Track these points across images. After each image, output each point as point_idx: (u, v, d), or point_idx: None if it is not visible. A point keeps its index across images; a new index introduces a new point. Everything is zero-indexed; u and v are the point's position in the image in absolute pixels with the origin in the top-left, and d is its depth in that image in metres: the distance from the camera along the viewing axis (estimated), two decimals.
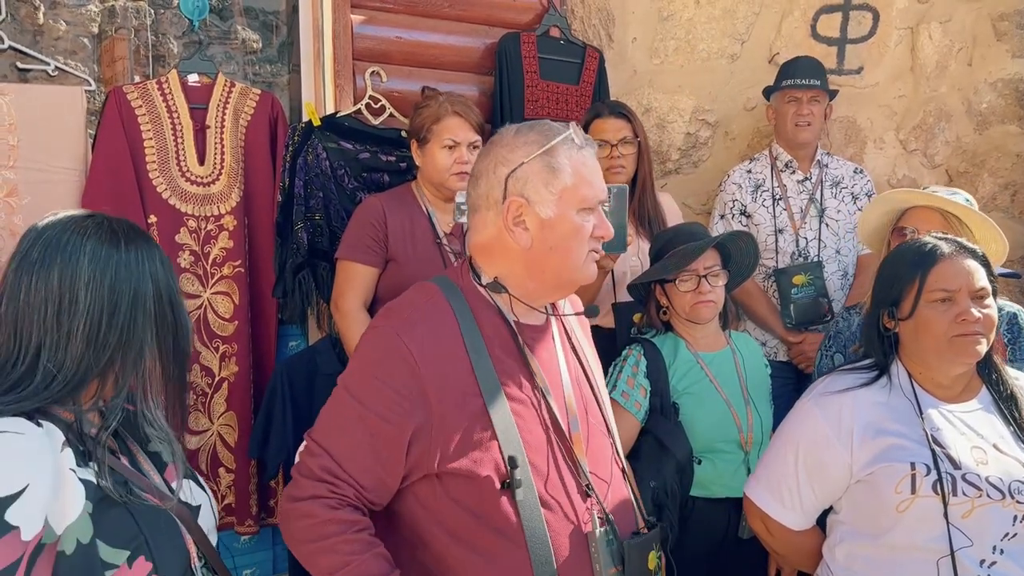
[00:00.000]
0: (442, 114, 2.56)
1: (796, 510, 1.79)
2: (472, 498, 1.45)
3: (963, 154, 3.82)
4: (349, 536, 1.41)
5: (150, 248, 1.34)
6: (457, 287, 1.56)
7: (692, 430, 2.25)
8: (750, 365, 2.42)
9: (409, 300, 1.58)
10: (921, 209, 2.25)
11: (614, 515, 1.55)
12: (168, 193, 2.75)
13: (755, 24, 3.68)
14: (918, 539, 1.62)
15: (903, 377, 1.76)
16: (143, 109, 2.73)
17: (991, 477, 1.63)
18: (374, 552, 1.42)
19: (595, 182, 1.54)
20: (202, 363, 2.80)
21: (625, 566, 1.50)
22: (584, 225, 1.52)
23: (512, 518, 1.44)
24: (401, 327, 1.47)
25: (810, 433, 1.76)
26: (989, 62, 3.78)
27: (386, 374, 1.45)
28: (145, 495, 1.29)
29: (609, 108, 2.95)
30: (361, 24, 3.01)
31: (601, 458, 1.60)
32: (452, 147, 2.55)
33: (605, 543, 1.50)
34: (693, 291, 2.32)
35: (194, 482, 1.45)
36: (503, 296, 1.56)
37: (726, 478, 2.25)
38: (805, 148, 3.28)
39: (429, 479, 1.47)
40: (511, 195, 1.51)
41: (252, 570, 2.98)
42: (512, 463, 1.43)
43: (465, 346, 1.48)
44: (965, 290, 1.69)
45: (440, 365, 1.45)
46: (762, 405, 2.37)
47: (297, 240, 2.74)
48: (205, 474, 2.82)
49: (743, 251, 2.43)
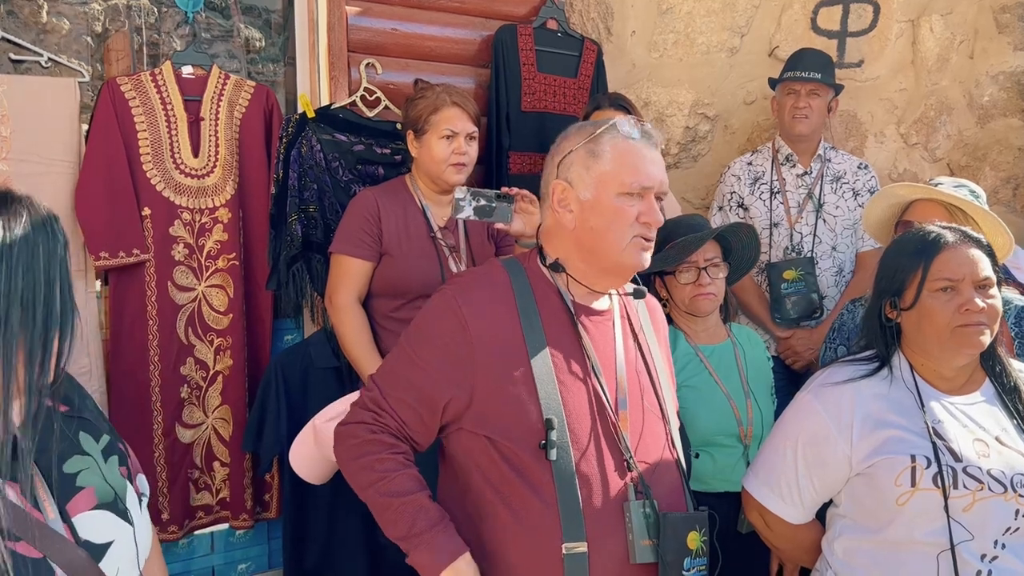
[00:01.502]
0: (440, 104, 2.53)
1: (795, 504, 1.77)
2: (511, 454, 1.53)
3: (964, 148, 3.80)
4: (385, 455, 1.55)
5: None
6: (522, 266, 1.68)
7: (691, 423, 2.22)
8: (751, 358, 2.40)
9: (472, 271, 1.80)
10: (925, 203, 2.23)
11: (657, 494, 1.58)
12: (162, 185, 2.73)
13: (755, 17, 3.66)
14: (918, 533, 1.59)
15: (905, 369, 1.73)
16: (137, 101, 2.70)
17: (993, 470, 1.60)
18: (407, 472, 1.55)
19: (641, 168, 1.59)
20: (197, 356, 2.78)
21: (660, 540, 1.52)
22: (625, 208, 1.58)
23: (546, 478, 1.51)
24: (458, 290, 1.61)
25: (809, 426, 1.73)
26: (991, 55, 3.76)
27: (438, 330, 1.59)
28: (8, 545, 1.09)
29: (609, 100, 2.93)
30: (356, 16, 2.98)
31: (651, 440, 1.65)
32: (450, 137, 2.53)
33: (641, 514, 1.54)
34: (693, 283, 2.31)
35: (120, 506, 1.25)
36: (562, 276, 1.66)
37: (726, 472, 2.23)
38: (803, 141, 3.26)
39: (472, 432, 1.57)
40: (559, 179, 1.64)
41: (247, 564, 2.97)
42: (549, 424, 1.50)
43: (519, 315, 1.59)
44: (969, 279, 1.66)
45: (491, 328, 1.56)
46: (763, 399, 2.35)
47: (291, 232, 2.71)
48: (200, 468, 2.80)
49: (744, 243, 2.40)
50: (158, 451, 2.73)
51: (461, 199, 2.18)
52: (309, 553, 2.72)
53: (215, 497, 2.84)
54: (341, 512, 2.66)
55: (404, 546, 1.52)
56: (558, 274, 1.66)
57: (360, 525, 2.60)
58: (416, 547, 1.50)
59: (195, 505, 2.82)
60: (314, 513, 2.70)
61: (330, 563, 2.71)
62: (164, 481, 2.74)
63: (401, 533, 1.52)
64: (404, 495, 1.53)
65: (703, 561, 1.58)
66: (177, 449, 2.76)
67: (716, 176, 3.59)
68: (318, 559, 2.71)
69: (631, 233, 1.58)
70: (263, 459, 2.73)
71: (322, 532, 2.71)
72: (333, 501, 2.65)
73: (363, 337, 2.50)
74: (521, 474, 1.52)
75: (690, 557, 1.55)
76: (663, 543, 1.52)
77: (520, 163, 3.17)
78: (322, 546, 2.72)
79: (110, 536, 1.22)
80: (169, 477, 2.74)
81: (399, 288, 2.53)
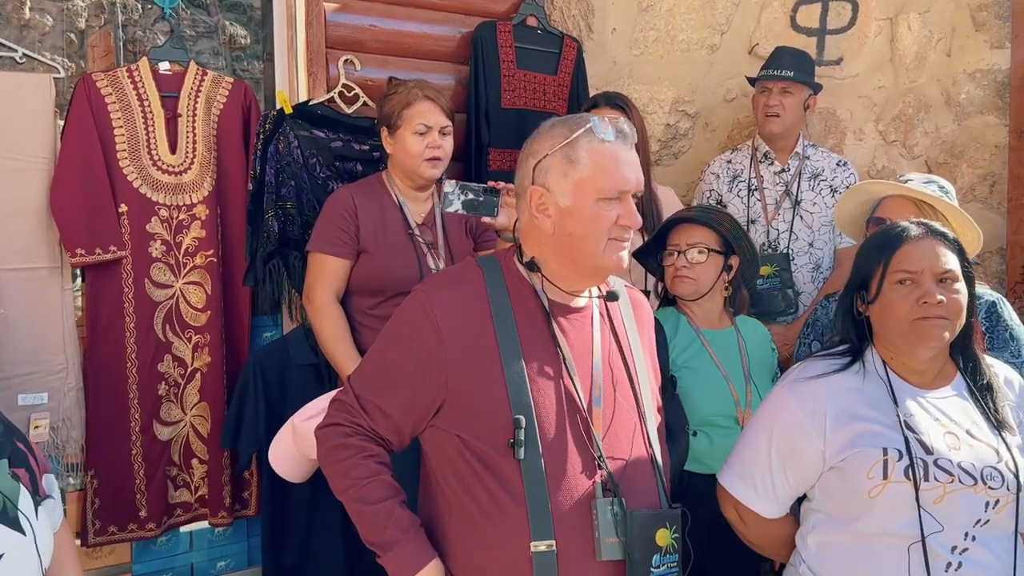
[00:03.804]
0: (412, 99, 2.53)
1: (769, 499, 1.77)
2: (481, 452, 1.53)
3: (942, 145, 3.82)
4: (357, 460, 1.58)
5: None
6: (498, 264, 1.68)
7: (689, 403, 2.30)
8: (753, 347, 2.48)
9: (446, 271, 1.83)
10: (896, 199, 2.25)
11: (629, 491, 1.58)
12: (139, 182, 2.71)
13: (735, 15, 3.67)
14: (890, 525, 1.60)
15: (877, 363, 1.74)
16: (113, 97, 2.69)
17: (963, 463, 1.61)
18: (379, 479, 1.57)
19: (617, 173, 1.59)
20: (175, 353, 2.77)
21: (628, 537, 1.53)
22: (603, 214, 1.58)
23: (515, 477, 1.52)
24: (429, 291, 1.62)
25: (783, 420, 1.74)
26: (968, 53, 3.78)
27: (410, 332, 1.60)
28: None
29: (606, 99, 2.93)
30: (334, 12, 2.97)
31: (626, 438, 1.65)
32: (424, 132, 2.52)
33: (609, 512, 1.54)
34: (672, 265, 2.43)
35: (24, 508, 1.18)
36: (537, 275, 1.66)
37: (722, 453, 2.24)
38: (779, 139, 3.28)
39: (444, 431, 1.58)
40: (536, 184, 1.62)
41: (226, 562, 2.95)
42: (517, 423, 1.51)
43: (491, 314, 1.59)
44: (928, 272, 1.67)
45: (463, 328, 1.57)
46: (763, 385, 2.41)
47: (268, 229, 2.70)
48: (178, 465, 2.79)
49: (734, 235, 2.46)
50: (135, 448, 2.71)
51: (450, 193, 2.18)
52: (288, 550, 2.71)
53: (194, 495, 2.82)
54: (320, 509, 2.66)
55: (377, 552, 1.57)
56: (534, 273, 1.66)
57: (339, 522, 2.59)
58: (386, 554, 1.55)
59: (173, 503, 2.80)
60: (293, 510, 2.69)
61: (309, 560, 2.70)
62: (141, 479, 2.72)
63: (372, 539, 1.57)
64: (375, 503, 1.56)
65: (674, 558, 1.58)
66: (155, 446, 2.74)
67: (697, 173, 3.60)
68: (297, 556, 2.71)
69: (607, 236, 1.60)
70: (241, 456, 2.72)
71: (301, 529, 2.70)
72: (312, 498, 2.65)
73: (341, 335, 2.50)
74: (491, 472, 1.53)
75: (659, 554, 1.55)
76: (630, 540, 1.52)
77: (500, 160, 3.17)
78: (301, 543, 2.71)
79: (0, 549, 1.13)
80: (147, 474, 2.73)
81: (377, 285, 2.53)
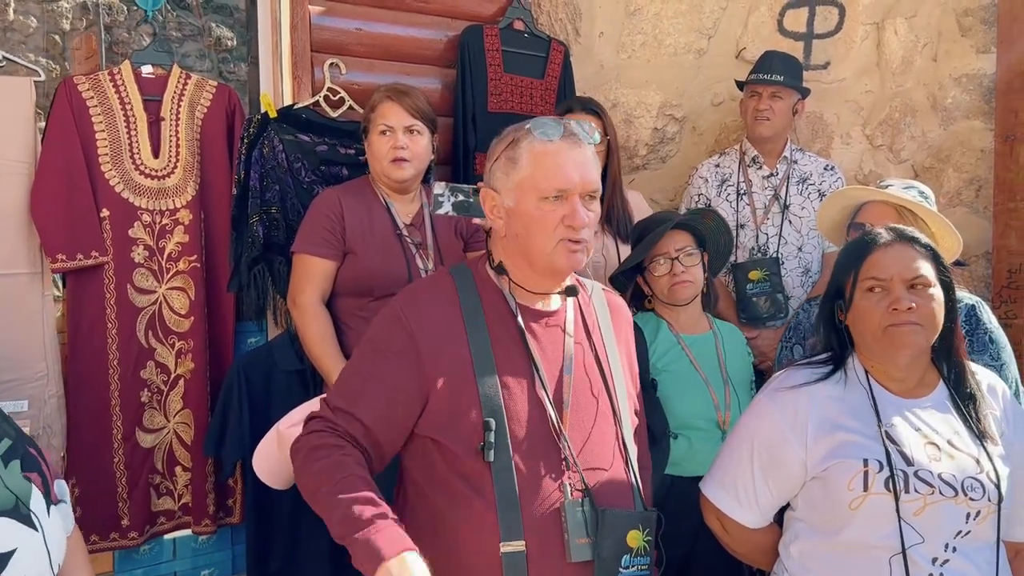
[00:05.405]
0: (376, 102, 2.54)
1: (752, 508, 1.77)
2: (452, 456, 1.55)
3: (928, 149, 3.83)
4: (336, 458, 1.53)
5: None
6: (470, 271, 1.70)
7: (669, 406, 2.31)
8: (731, 351, 2.48)
9: (420, 281, 1.84)
10: (876, 205, 2.24)
11: (602, 493, 1.58)
12: (121, 187, 2.69)
13: (722, 19, 3.67)
14: (871, 537, 1.60)
15: (859, 371, 1.74)
16: (95, 100, 2.66)
17: (944, 474, 1.61)
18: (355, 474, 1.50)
19: (557, 172, 1.58)
20: (158, 360, 2.74)
21: (597, 537, 1.53)
22: (546, 214, 1.58)
23: (486, 479, 1.52)
24: (404, 302, 1.65)
25: (765, 429, 1.73)
26: (954, 58, 3.79)
27: (386, 339, 1.61)
28: None
29: (580, 104, 2.93)
30: (319, 15, 2.96)
31: (599, 440, 1.65)
32: (386, 132, 2.51)
33: (579, 512, 1.54)
34: (668, 274, 2.41)
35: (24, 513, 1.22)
36: (504, 278, 1.68)
37: (701, 456, 2.25)
38: (768, 143, 3.28)
39: (419, 436, 1.59)
40: (487, 186, 1.67)
41: (211, 571, 2.94)
42: (487, 426, 1.52)
43: (463, 320, 1.61)
44: (898, 279, 1.66)
45: (437, 336, 1.59)
46: (742, 389, 2.43)
47: (252, 234, 2.68)
48: (162, 473, 2.76)
49: (714, 231, 2.48)
50: (118, 456, 2.69)
51: (440, 195, 2.18)
52: (273, 558, 2.69)
53: (177, 502, 2.80)
54: (305, 517, 2.62)
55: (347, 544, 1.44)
56: (502, 276, 1.68)
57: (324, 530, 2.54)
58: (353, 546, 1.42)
59: (156, 511, 2.78)
60: (278, 518, 2.67)
61: (294, 568, 2.68)
62: (124, 487, 2.70)
63: (340, 532, 1.45)
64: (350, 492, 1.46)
65: (644, 560, 1.57)
66: (137, 454, 2.72)
67: (684, 177, 3.60)
68: (281, 564, 2.69)
69: (556, 237, 1.59)
70: (225, 463, 2.69)
71: (286, 537, 2.69)
72: (296, 506, 2.61)
73: (327, 338, 2.47)
74: (463, 475, 1.54)
75: (629, 555, 1.55)
76: (599, 540, 1.53)
77: None
78: (286, 551, 2.69)
79: (12, 544, 1.22)
80: (129, 482, 2.71)
81: (365, 286, 2.50)
